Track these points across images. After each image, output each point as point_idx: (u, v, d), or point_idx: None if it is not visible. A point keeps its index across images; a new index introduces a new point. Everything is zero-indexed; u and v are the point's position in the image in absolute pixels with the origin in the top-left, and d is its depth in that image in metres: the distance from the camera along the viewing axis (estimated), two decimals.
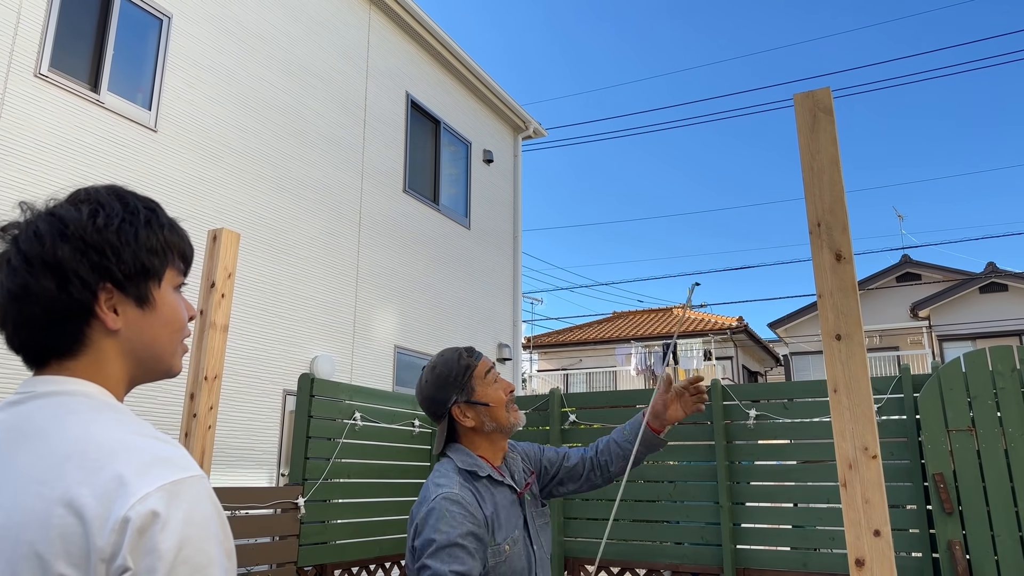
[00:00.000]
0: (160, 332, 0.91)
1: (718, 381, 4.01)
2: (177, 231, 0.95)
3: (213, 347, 2.98)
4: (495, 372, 1.86)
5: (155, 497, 0.73)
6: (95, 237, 0.85)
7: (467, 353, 1.85)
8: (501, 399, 1.82)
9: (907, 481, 3.55)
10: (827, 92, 2.26)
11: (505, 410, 1.82)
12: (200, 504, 0.76)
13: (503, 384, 1.85)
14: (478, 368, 1.82)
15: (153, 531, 0.71)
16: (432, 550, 1.52)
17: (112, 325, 0.86)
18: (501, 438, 1.84)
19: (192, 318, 0.97)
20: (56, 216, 0.86)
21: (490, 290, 9.66)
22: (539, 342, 21.46)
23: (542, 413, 4.55)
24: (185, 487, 0.75)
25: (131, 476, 0.74)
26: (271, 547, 3.63)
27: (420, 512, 1.61)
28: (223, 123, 6.12)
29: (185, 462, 0.78)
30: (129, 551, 0.71)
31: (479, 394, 1.80)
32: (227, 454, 5.49)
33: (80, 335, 0.86)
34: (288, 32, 6.95)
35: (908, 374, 3.66)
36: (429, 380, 1.81)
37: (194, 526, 0.74)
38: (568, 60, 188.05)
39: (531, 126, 10.98)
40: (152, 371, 0.92)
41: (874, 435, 1.91)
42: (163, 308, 0.91)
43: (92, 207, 0.88)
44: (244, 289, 6.00)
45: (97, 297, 0.85)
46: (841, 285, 2.01)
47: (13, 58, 4.75)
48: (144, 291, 0.89)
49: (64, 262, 0.83)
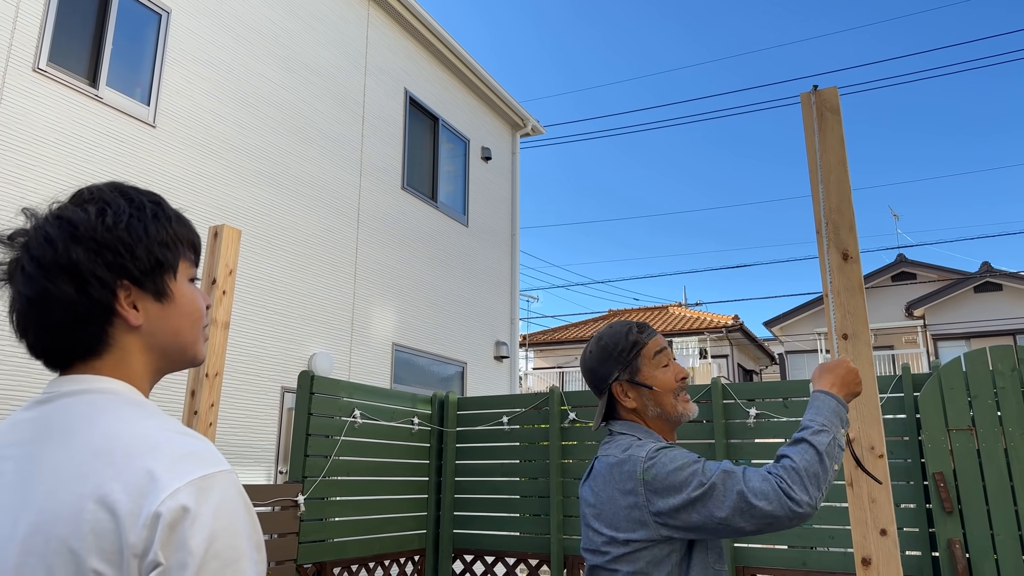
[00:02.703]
0: (182, 323, 0.92)
1: (718, 380, 4.01)
2: (184, 222, 0.95)
3: (214, 344, 2.97)
4: (667, 354, 1.70)
5: (185, 492, 0.73)
6: (106, 236, 0.85)
7: (638, 329, 1.72)
8: (669, 384, 1.66)
9: (907, 480, 3.56)
10: (834, 92, 2.26)
11: (673, 397, 1.66)
12: (229, 499, 0.76)
13: (674, 369, 1.69)
14: (647, 347, 1.68)
15: (184, 526, 0.72)
16: (692, 479, 1.43)
17: (134, 322, 0.87)
18: (666, 428, 1.68)
19: (209, 307, 0.98)
20: (64, 219, 0.86)
21: (488, 288, 9.65)
22: (535, 340, 21.46)
23: (542, 411, 4.55)
24: (214, 482, 0.76)
25: (161, 471, 0.74)
26: (270, 544, 3.62)
27: (644, 471, 1.48)
28: (222, 119, 6.10)
29: (214, 457, 0.79)
30: (160, 547, 0.72)
31: (644, 375, 1.66)
32: (225, 451, 5.47)
33: (103, 335, 0.86)
34: (287, 28, 6.93)
35: (908, 373, 3.67)
36: (593, 351, 1.71)
37: (224, 520, 0.75)
38: (554, 58, 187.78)
39: (529, 123, 10.96)
40: (178, 361, 0.93)
41: (880, 434, 1.92)
42: (181, 299, 0.92)
43: (98, 206, 0.88)
44: (242, 286, 5.98)
45: (117, 296, 0.85)
46: (848, 284, 2.01)
47: (11, 52, 4.72)
48: (161, 285, 0.89)
49: (80, 264, 0.83)
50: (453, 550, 4.61)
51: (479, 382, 9.09)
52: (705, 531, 1.45)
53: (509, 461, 4.61)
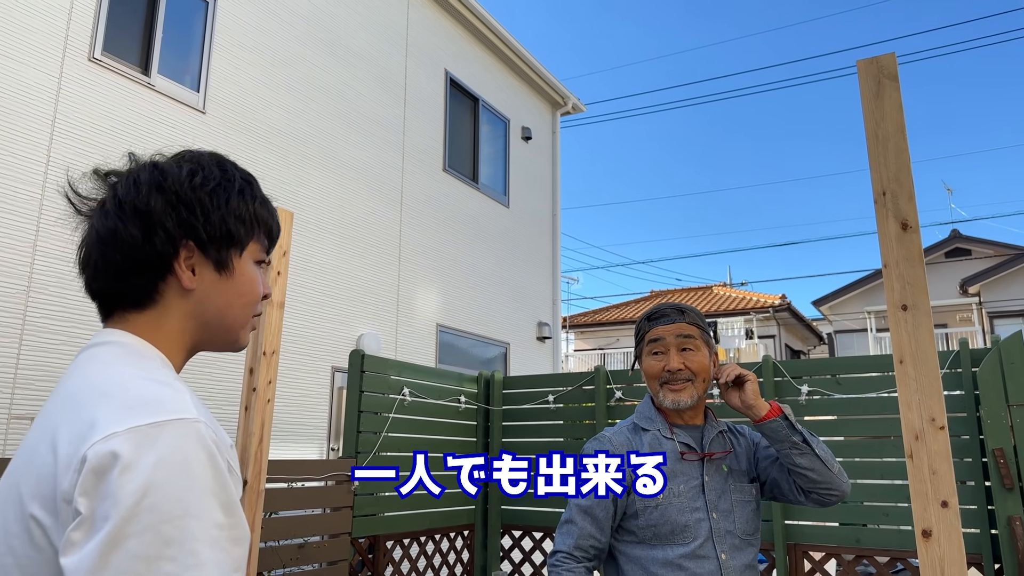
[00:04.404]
0: (234, 301, 0.90)
1: (769, 358, 3.97)
2: (268, 206, 0.96)
3: (270, 323, 3.04)
4: (661, 344, 1.80)
5: (121, 439, 0.67)
6: (188, 194, 0.86)
7: (649, 316, 1.85)
8: (651, 371, 1.81)
9: (966, 456, 3.49)
10: (892, 58, 2.20)
11: (657, 384, 1.80)
12: (182, 448, 0.68)
13: (664, 360, 1.79)
14: (647, 335, 1.83)
15: (112, 475, 0.65)
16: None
17: (187, 284, 0.86)
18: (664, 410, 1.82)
19: (267, 296, 0.96)
20: (158, 168, 0.88)
21: (529, 268, 9.66)
22: (575, 322, 21.39)
23: (587, 390, 4.57)
24: (164, 430, 0.69)
25: (103, 416, 0.69)
26: (325, 518, 3.72)
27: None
28: (268, 104, 6.20)
29: (176, 405, 0.72)
30: (80, 493, 0.65)
31: (642, 360, 1.84)
32: (280, 429, 5.62)
33: (153, 289, 0.85)
34: (329, 12, 6.99)
35: (966, 348, 3.58)
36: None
37: (168, 471, 0.66)
38: (581, 39, 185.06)
39: (570, 101, 10.86)
40: (219, 340, 0.91)
41: (941, 405, 1.88)
42: (240, 278, 0.91)
43: (192, 166, 0.90)
44: (292, 269, 6.11)
45: (178, 253, 0.85)
46: (907, 255, 1.97)
47: (68, 43, 4.86)
48: (225, 257, 0.89)
49: (154, 212, 0.84)
50: (501, 525, 4.67)
51: (522, 363, 9.14)
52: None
53: (554, 439, 4.64)
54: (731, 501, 1.76)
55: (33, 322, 4.48)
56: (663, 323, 1.82)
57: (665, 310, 1.84)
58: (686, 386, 1.77)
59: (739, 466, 1.85)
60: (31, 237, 4.53)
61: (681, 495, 1.71)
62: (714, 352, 1.87)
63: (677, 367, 1.77)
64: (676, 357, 1.78)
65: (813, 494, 1.76)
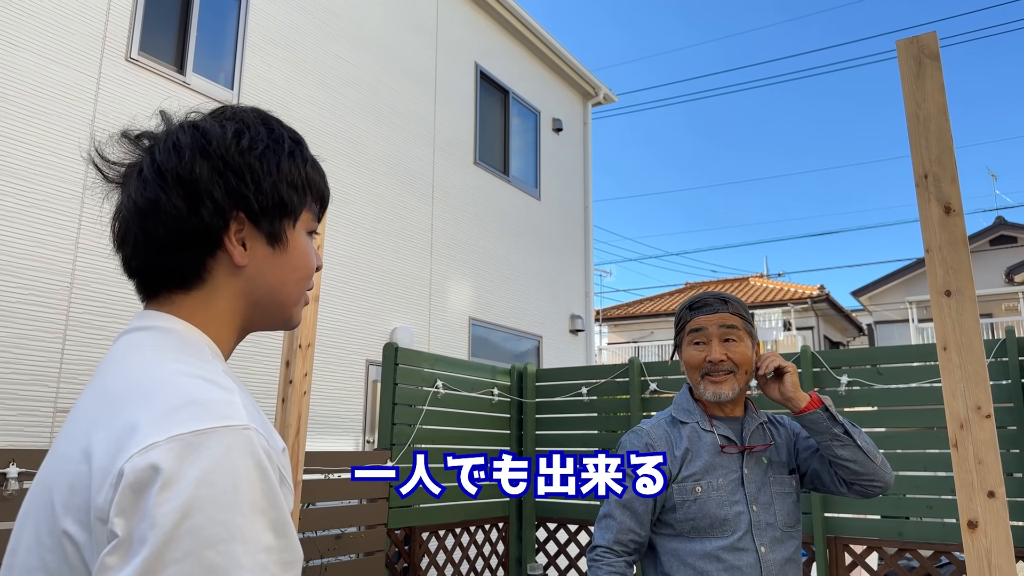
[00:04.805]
0: (288, 277, 0.81)
1: (807, 348, 3.90)
2: (318, 169, 0.86)
3: (306, 316, 3.08)
4: (703, 334, 1.77)
5: (162, 448, 0.59)
6: (237, 159, 0.76)
7: (690, 304, 1.83)
8: (692, 362, 1.78)
9: (1012, 448, 3.39)
10: (933, 37, 2.13)
11: (698, 375, 1.78)
12: (229, 460, 0.60)
13: (706, 350, 1.75)
14: (689, 324, 1.81)
15: (151, 491, 0.57)
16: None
17: (239, 260, 0.76)
18: (705, 403, 1.79)
19: (319, 268, 0.86)
20: (200, 130, 0.78)
21: (561, 261, 9.62)
22: (608, 315, 21.28)
23: (621, 382, 4.54)
24: (211, 438, 0.60)
25: (145, 422, 0.62)
26: (362, 509, 3.76)
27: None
28: (301, 101, 6.26)
29: (224, 408, 0.64)
30: (116, 513, 0.58)
31: (683, 350, 1.82)
32: (316, 421, 5.69)
33: (201, 267, 0.76)
34: (360, 7, 7.02)
35: (1013, 336, 3.48)
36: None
37: (212, 488, 0.58)
38: (621, 26, 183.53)
39: (601, 92, 10.78)
40: (272, 318, 0.82)
41: (987, 393, 1.83)
42: (294, 251, 0.81)
43: (237, 126, 0.79)
44: (326, 262, 6.17)
45: (228, 226, 0.75)
46: (951, 239, 1.91)
47: (106, 44, 4.96)
48: (278, 228, 0.79)
49: (200, 181, 0.74)
50: (536, 518, 4.67)
51: (555, 356, 9.12)
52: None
53: (588, 432, 4.62)
54: (771, 493, 1.74)
55: (76, 318, 4.60)
56: (705, 312, 1.78)
57: (708, 299, 1.80)
58: (727, 378, 1.74)
59: (779, 457, 1.82)
60: (73, 235, 4.65)
61: (720, 488, 1.69)
62: (756, 344, 1.84)
63: (719, 358, 1.74)
64: (719, 348, 1.75)
65: (856, 485, 1.73)
